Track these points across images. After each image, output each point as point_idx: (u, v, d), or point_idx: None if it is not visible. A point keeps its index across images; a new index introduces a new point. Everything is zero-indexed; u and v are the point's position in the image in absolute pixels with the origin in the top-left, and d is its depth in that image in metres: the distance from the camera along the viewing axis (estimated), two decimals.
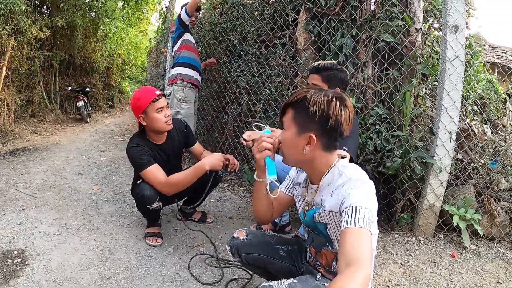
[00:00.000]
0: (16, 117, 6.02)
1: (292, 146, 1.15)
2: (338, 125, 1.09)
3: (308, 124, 1.10)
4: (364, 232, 0.95)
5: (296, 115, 1.13)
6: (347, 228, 0.97)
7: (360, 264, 0.89)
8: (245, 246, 1.45)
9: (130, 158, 2.06)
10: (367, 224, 0.96)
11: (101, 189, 3.22)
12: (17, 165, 3.98)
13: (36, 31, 5.66)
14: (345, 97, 1.12)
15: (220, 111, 3.91)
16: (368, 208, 0.99)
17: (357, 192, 1.03)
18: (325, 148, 1.13)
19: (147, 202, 2.07)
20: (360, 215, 0.97)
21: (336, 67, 1.84)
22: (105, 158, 4.48)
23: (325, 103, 1.08)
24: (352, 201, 1.01)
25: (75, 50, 7.98)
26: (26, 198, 2.93)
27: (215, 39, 3.88)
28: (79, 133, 6.55)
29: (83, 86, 8.45)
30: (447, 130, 2.02)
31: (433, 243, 2.19)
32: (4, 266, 1.92)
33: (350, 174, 1.10)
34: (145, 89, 2.15)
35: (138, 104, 2.04)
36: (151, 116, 2.04)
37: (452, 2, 1.93)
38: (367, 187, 1.07)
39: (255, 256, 1.45)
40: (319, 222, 1.19)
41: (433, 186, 2.11)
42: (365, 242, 0.94)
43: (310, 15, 2.65)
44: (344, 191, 1.06)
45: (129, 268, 1.94)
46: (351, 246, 0.93)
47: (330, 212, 1.12)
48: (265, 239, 1.49)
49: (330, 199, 1.12)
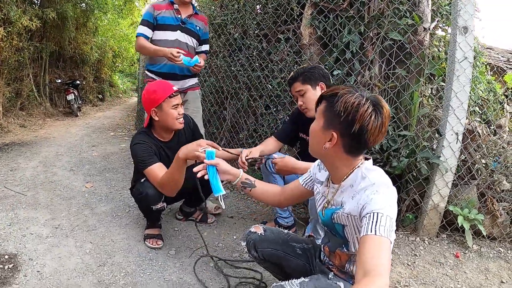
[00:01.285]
0: (4, 110, 5.96)
1: (315, 138, 1.17)
2: (363, 132, 1.06)
3: (334, 122, 1.09)
4: (384, 241, 0.95)
5: (326, 109, 1.12)
6: (367, 236, 0.97)
7: (378, 273, 0.89)
8: (262, 241, 1.46)
9: (134, 155, 2.00)
10: (387, 233, 0.96)
11: (94, 187, 3.18)
12: (6, 161, 3.91)
13: (26, 21, 5.58)
14: (382, 103, 1.08)
15: (218, 106, 3.89)
16: (390, 215, 0.99)
17: (379, 198, 1.02)
18: (348, 151, 1.12)
19: (151, 202, 2.01)
20: (381, 223, 0.97)
21: (307, 68, 1.95)
22: (97, 154, 4.45)
23: (353, 106, 1.05)
24: (374, 207, 1.00)
25: (66, 42, 7.91)
26: (16, 196, 2.86)
27: (213, 32, 3.85)
28: (69, 127, 6.49)
29: (73, 79, 8.38)
30: (454, 131, 2.06)
31: (437, 243, 2.24)
32: None
33: (373, 179, 1.09)
34: (162, 82, 2.10)
35: (153, 97, 1.98)
36: (165, 112, 1.98)
37: (462, 3, 1.96)
38: (389, 193, 1.06)
39: (271, 252, 1.45)
40: (337, 223, 1.19)
41: (439, 187, 2.15)
42: (385, 251, 0.94)
43: (316, 10, 2.66)
44: (366, 196, 1.05)
45: (130, 273, 1.88)
46: (370, 255, 0.93)
47: (349, 215, 1.12)
48: (282, 235, 1.50)
49: (350, 201, 1.13)
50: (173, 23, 2.56)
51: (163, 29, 2.56)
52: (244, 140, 3.46)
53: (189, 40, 2.62)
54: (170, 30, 2.56)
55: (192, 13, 2.63)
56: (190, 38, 2.62)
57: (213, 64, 3.88)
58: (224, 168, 1.49)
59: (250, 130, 3.42)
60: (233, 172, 1.51)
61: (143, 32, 2.53)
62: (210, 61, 3.93)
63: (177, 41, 2.55)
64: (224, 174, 1.49)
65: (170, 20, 2.56)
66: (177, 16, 2.57)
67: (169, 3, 2.58)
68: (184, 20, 2.58)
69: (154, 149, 2.03)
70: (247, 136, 3.42)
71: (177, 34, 2.56)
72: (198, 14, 2.70)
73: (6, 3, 5.06)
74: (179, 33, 2.57)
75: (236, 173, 1.52)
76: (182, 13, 2.58)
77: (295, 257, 1.45)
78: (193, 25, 2.62)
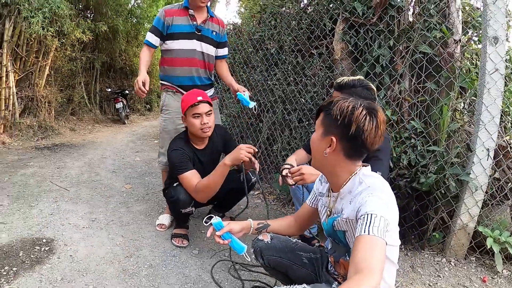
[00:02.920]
0: (56, 114, 6.62)
1: (316, 147, 1.25)
2: (359, 134, 1.12)
3: (332, 128, 1.18)
4: (378, 240, 0.97)
5: (324, 117, 1.22)
6: (360, 236, 1.00)
7: (369, 272, 0.92)
8: (268, 249, 1.53)
9: (170, 160, 2.17)
10: (381, 233, 0.98)
11: (133, 188, 3.45)
12: (54, 160, 4.36)
13: (79, 34, 6.25)
14: (376, 108, 1.15)
15: (255, 118, 4.07)
16: (384, 216, 1.01)
17: (373, 200, 1.06)
18: (347, 155, 1.19)
19: (181, 206, 2.19)
20: (374, 224, 1.00)
21: (360, 83, 1.80)
22: (139, 159, 4.79)
23: (348, 109, 1.13)
24: (368, 209, 1.04)
25: (116, 54, 8.65)
26: (59, 190, 3.20)
27: (252, 47, 4.08)
28: (116, 133, 7.02)
29: (123, 89, 9.07)
30: (485, 146, 2.01)
31: (464, 266, 2.17)
32: (32, 252, 2.10)
33: (369, 183, 1.15)
34: (193, 92, 2.22)
35: (182, 105, 2.19)
36: (188, 120, 2.18)
37: (491, 12, 1.94)
38: (385, 196, 1.10)
39: (277, 260, 1.52)
40: (339, 230, 1.24)
41: (468, 205, 2.10)
42: (378, 251, 0.97)
43: (347, 25, 2.76)
44: (361, 199, 1.09)
45: (153, 266, 2.06)
46: (362, 254, 0.96)
47: (347, 220, 1.17)
48: (289, 244, 1.56)
49: (348, 206, 1.17)
50: (188, 30, 2.44)
51: (177, 38, 2.44)
52: (278, 152, 3.58)
53: (206, 49, 2.52)
54: (185, 39, 2.44)
55: (207, 17, 2.50)
56: (207, 45, 2.52)
57: (251, 79, 4.07)
58: (236, 229, 1.49)
59: (284, 142, 3.54)
60: (245, 226, 1.53)
61: (149, 40, 2.45)
62: (248, 75, 4.14)
63: (194, 51, 2.47)
64: (238, 232, 1.50)
65: (185, 28, 2.43)
66: (192, 23, 2.44)
67: (183, 8, 2.44)
68: (199, 27, 2.46)
69: (190, 156, 2.19)
70: (281, 148, 3.55)
71: (193, 44, 2.46)
72: (214, 17, 2.57)
73: (61, 16, 5.69)
74: (195, 42, 2.46)
75: (247, 225, 1.54)
76: (197, 19, 2.46)
77: (300, 266, 1.51)
78: (209, 31, 2.51)
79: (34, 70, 5.93)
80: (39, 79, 6.07)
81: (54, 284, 1.83)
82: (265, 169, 3.77)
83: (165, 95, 2.59)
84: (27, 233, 2.35)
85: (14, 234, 2.32)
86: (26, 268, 1.95)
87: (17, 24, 5.28)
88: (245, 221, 1.54)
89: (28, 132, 5.59)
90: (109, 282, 1.88)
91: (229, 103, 4.52)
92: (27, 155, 4.53)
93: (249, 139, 4.10)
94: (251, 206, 3.17)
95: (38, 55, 5.94)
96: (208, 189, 2.03)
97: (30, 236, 2.31)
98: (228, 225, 1.45)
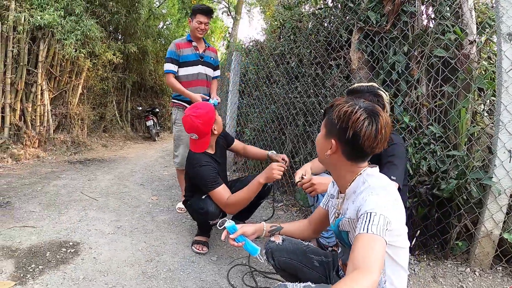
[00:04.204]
0: (89, 131, 7.05)
1: (319, 147, 1.30)
2: (357, 138, 1.13)
3: (332, 130, 1.21)
4: (377, 238, 0.99)
5: (326, 120, 1.26)
6: (359, 234, 1.02)
7: (367, 270, 0.94)
8: (279, 250, 1.55)
9: (200, 177, 2.23)
10: (380, 231, 1.00)
11: (159, 200, 3.59)
12: (86, 173, 4.63)
13: (110, 55, 6.69)
14: (378, 111, 1.16)
15: (278, 132, 4.13)
16: (384, 214, 1.03)
17: (373, 198, 1.08)
18: (349, 158, 1.21)
19: (210, 218, 2.29)
20: (374, 222, 1.01)
21: (369, 89, 1.81)
22: (167, 173, 4.97)
23: (346, 114, 1.15)
24: (368, 207, 1.06)
25: (146, 74, 9.12)
26: (89, 200, 3.39)
27: (274, 62, 4.20)
28: (146, 150, 7.32)
29: (153, 107, 9.50)
30: (506, 148, 1.93)
31: (489, 276, 2.05)
32: (58, 253, 2.24)
33: (372, 182, 1.16)
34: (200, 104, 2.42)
35: (209, 116, 2.31)
36: (218, 122, 2.37)
37: (504, 8, 1.89)
38: (386, 194, 1.11)
39: (287, 261, 1.53)
40: (343, 231, 1.25)
41: (492, 211, 2.01)
42: (376, 248, 0.98)
43: (362, 34, 2.80)
44: (362, 198, 1.12)
45: (171, 270, 2.14)
46: (360, 252, 0.98)
47: (349, 220, 1.19)
48: (300, 246, 1.57)
49: (351, 206, 1.19)
50: (194, 58, 3.13)
51: (187, 65, 3.12)
52: (300, 164, 3.60)
53: (208, 71, 3.22)
54: (193, 66, 3.13)
55: (205, 47, 3.22)
56: (208, 69, 3.22)
57: (273, 93, 4.16)
58: (249, 231, 1.52)
59: (306, 154, 3.57)
60: (258, 228, 1.55)
61: (172, 69, 3.08)
62: (270, 89, 4.24)
63: (200, 74, 3.15)
64: (252, 235, 1.53)
65: (192, 56, 3.12)
66: (196, 52, 3.14)
67: (188, 41, 3.14)
68: (201, 54, 3.17)
69: (214, 166, 2.31)
70: (303, 160, 3.57)
71: (199, 68, 3.15)
72: (210, 46, 3.31)
73: (92, 39, 6.13)
74: (200, 67, 3.15)
75: (260, 228, 1.56)
76: (199, 49, 3.17)
77: (311, 269, 1.52)
78: (208, 57, 3.23)
79: (67, 89, 6.39)
80: (72, 98, 6.52)
81: (76, 282, 1.95)
82: (288, 181, 3.79)
83: (177, 111, 3.25)
84: (55, 236, 2.51)
85: (43, 237, 2.49)
86: (51, 266, 2.09)
87: (51, 46, 5.71)
88: (258, 224, 1.57)
89: (62, 147, 5.97)
90: (128, 283, 1.97)
91: (253, 117, 4.63)
92: (60, 168, 4.83)
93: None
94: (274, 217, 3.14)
95: (71, 75, 6.38)
96: (239, 204, 2.16)
97: (58, 239, 2.47)
98: (241, 228, 1.48)
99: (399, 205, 1.13)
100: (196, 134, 2.30)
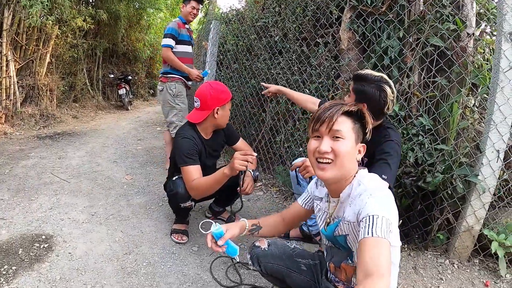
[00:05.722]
0: (58, 102, 6.65)
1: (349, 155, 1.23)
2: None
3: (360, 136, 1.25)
4: (382, 241, 0.98)
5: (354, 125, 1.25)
6: (364, 238, 1.00)
7: (379, 275, 0.92)
8: (265, 256, 1.52)
9: (178, 147, 2.13)
10: (385, 234, 0.99)
11: (134, 179, 3.47)
12: (56, 150, 4.39)
13: (80, 22, 6.21)
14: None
15: (258, 108, 4.02)
16: (386, 217, 1.02)
17: (373, 201, 1.07)
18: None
19: (180, 200, 2.19)
20: (377, 225, 1.00)
21: (376, 80, 1.70)
22: (141, 148, 4.81)
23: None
24: (369, 210, 1.05)
25: (119, 39, 8.58)
26: (60, 183, 3.23)
27: (255, 34, 3.99)
28: (118, 120, 7.03)
29: (126, 74, 9.05)
30: (495, 148, 1.94)
31: (467, 268, 2.14)
32: (31, 249, 2.11)
33: (368, 184, 1.16)
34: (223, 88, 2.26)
35: (223, 96, 2.20)
36: (226, 111, 2.25)
37: (508, 6, 1.83)
38: (384, 196, 1.11)
39: (274, 267, 1.51)
40: (339, 235, 1.24)
41: (474, 208, 2.05)
42: (384, 252, 0.97)
43: (354, 14, 2.66)
44: (361, 201, 1.10)
45: (152, 263, 2.07)
46: (369, 256, 0.97)
47: (349, 223, 1.17)
48: (287, 250, 1.55)
49: (349, 209, 1.18)
50: (188, 39, 3.58)
51: (183, 44, 3.53)
52: (281, 144, 3.54)
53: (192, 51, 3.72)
54: (187, 45, 3.58)
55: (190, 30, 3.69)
56: (191, 49, 3.70)
57: (254, 67, 3.99)
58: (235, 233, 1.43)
59: (287, 134, 3.50)
60: (241, 228, 1.47)
61: (171, 44, 3.42)
62: (251, 63, 4.07)
63: (191, 53, 3.66)
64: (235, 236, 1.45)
65: (186, 37, 3.55)
66: (189, 34, 3.62)
67: (183, 23, 3.54)
68: (191, 37, 3.65)
69: (199, 146, 2.20)
70: (284, 140, 3.51)
71: (190, 48, 3.63)
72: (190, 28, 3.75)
73: (61, 4, 5.64)
74: (190, 47, 3.62)
75: (243, 226, 1.48)
76: (189, 32, 3.63)
77: (298, 273, 1.50)
78: (192, 38, 3.72)
79: (34, 58, 5.93)
80: (40, 67, 6.06)
81: (53, 283, 1.84)
82: (267, 160, 3.74)
83: (176, 85, 3.52)
84: (26, 229, 2.37)
85: (14, 230, 2.34)
86: (25, 266, 1.96)
87: (16, 12, 5.23)
88: (240, 222, 1.50)
89: (30, 121, 5.61)
90: (107, 281, 1.89)
91: (232, 91, 4.46)
92: (29, 145, 4.55)
93: (252, 128, 4.06)
94: (253, 199, 3.18)
95: (39, 43, 5.92)
96: (201, 190, 2.06)
97: (30, 232, 2.33)
98: (228, 232, 1.38)
99: (394, 206, 1.13)
100: (200, 101, 2.20)
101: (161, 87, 3.56)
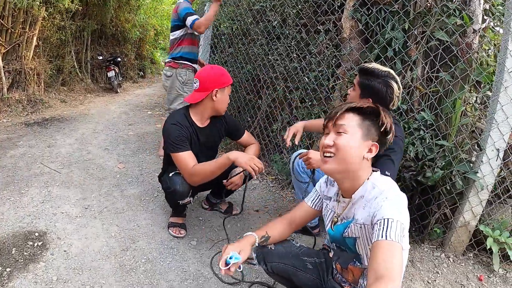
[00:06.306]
0: (46, 86, 6.40)
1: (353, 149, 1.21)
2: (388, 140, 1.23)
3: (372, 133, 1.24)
4: (396, 245, 1.00)
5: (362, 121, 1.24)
6: (378, 241, 1.02)
7: (390, 278, 0.94)
8: (272, 255, 1.50)
9: (167, 134, 2.09)
10: (399, 238, 1.00)
11: (126, 168, 3.39)
12: (45, 137, 4.22)
13: (68, 3, 5.92)
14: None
15: (254, 94, 3.96)
16: (400, 221, 1.04)
17: (389, 204, 1.08)
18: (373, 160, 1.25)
19: (178, 198, 2.14)
20: (392, 228, 1.02)
21: (383, 75, 1.66)
22: (132, 133, 4.70)
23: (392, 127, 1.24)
24: (385, 213, 1.06)
25: (107, 20, 8.28)
26: (50, 173, 3.11)
27: (252, 18, 3.89)
28: (108, 104, 6.83)
29: (115, 56, 8.77)
30: (496, 146, 1.97)
31: (462, 262, 2.19)
32: (24, 249, 2.03)
33: (383, 187, 1.16)
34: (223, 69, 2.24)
35: (222, 79, 2.15)
36: (225, 95, 2.18)
37: None
38: (399, 199, 1.12)
39: (280, 266, 1.50)
40: (348, 237, 1.23)
41: (472, 204, 2.09)
42: (396, 255, 0.99)
43: (358, 2, 2.61)
44: (377, 204, 1.11)
45: (150, 260, 2.02)
46: (381, 259, 0.98)
47: (362, 225, 1.17)
48: (293, 249, 1.54)
49: (362, 211, 1.18)
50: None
51: None
52: (277, 132, 3.52)
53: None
54: None
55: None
56: None
57: (250, 52, 3.91)
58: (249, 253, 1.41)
59: (284, 122, 3.47)
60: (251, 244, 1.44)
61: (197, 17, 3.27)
62: (247, 48, 3.98)
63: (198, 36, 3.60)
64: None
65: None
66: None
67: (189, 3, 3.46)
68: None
69: (188, 135, 2.13)
70: (281, 128, 3.48)
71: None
72: None
73: None
74: None
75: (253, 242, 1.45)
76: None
77: (304, 272, 1.50)
78: None
79: (21, 42, 5.66)
80: (27, 51, 5.80)
81: (50, 285, 1.79)
82: (263, 148, 3.71)
83: (187, 72, 3.46)
84: (18, 226, 2.28)
85: (6, 227, 2.25)
86: (20, 268, 1.90)
87: None
88: (251, 238, 1.45)
89: (17, 107, 5.41)
90: (105, 280, 1.85)
91: None
92: (17, 133, 4.39)
93: (247, 115, 4.01)
94: (249, 188, 3.13)
95: (25, 26, 5.64)
96: (204, 175, 2.03)
97: (22, 229, 2.24)
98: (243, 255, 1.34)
99: (407, 209, 1.14)
100: (199, 82, 2.15)
101: (170, 72, 3.46)
